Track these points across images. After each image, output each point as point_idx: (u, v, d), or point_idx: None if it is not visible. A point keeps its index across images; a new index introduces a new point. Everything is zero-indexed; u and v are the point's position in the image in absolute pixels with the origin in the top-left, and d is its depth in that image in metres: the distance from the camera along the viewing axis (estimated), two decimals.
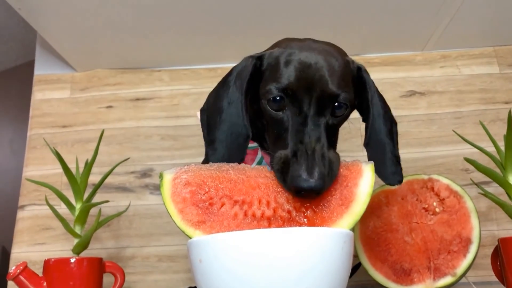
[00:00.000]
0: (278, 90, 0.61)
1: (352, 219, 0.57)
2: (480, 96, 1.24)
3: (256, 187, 0.60)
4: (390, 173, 0.68)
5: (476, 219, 0.83)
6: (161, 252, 1.12)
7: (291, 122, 0.61)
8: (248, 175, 0.61)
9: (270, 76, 0.63)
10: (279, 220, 0.57)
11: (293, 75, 0.61)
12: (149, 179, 1.18)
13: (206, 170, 0.61)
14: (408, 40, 1.25)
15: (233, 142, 0.64)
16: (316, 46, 0.64)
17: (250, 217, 0.57)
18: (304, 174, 0.55)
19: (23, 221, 1.16)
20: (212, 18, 1.11)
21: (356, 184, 0.60)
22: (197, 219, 0.57)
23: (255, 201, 0.59)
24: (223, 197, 0.59)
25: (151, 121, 1.24)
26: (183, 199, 0.58)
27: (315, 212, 0.58)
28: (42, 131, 1.24)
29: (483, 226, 1.08)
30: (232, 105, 0.65)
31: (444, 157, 1.17)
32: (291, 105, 0.61)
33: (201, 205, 0.58)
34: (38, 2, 1.01)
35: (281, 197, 0.59)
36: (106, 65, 1.29)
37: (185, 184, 0.59)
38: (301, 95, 0.60)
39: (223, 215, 0.57)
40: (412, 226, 0.86)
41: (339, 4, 1.08)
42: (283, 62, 0.62)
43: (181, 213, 0.57)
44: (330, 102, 0.61)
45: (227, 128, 0.65)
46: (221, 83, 0.68)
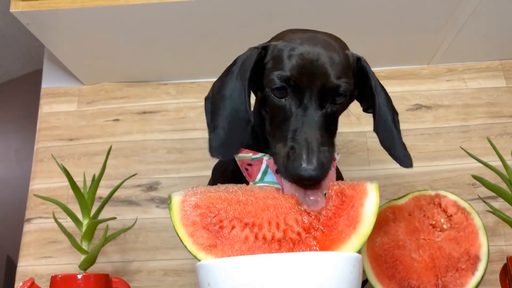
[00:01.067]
0: (281, 80, 0.63)
1: (360, 239, 0.58)
2: (487, 110, 1.23)
3: (265, 209, 0.60)
4: (403, 156, 0.70)
5: (484, 236, 0.82)
6: (167, 266, 1.12)
7: (292, 111, 0.63)
8: (256, 197, 0.61)
9: (274, 66, 0.65)
10: (290, 242, 0.57)
11: (295, 66, 0.63)
12: (155, 193, 1.18)
13: (214, 192, 0.61)
14: (414, 53, 1.25)
15: (235, 127, 0.66)
16: (319, 39, 0.66)
17: (261, 240, 0.57)
18: (304, 163, 0.58)
19: (29, 234, 1.16)
20: (218, 32, 1.11)
21: (361, 204, 0.60)
22: (208, 243, 0.57)
23: (265, 223, 0.59)
24: (233, 220, 0.59)
25: (157, 134, 1.24)
26: (193, 222, 0.58)
27: (324, 233, 0.58)
28: (49, 144, 1.24)
29: (491, 241, 1.07)
30: (235, 92, 0.66)
31: (451, 171, 1.17)
32: (292, 95, 0.63)
33: (211, 229, 0.58)
34: (46, 18, 1.02)
35: (290, 219, 0.59)
36: (113, 79, 1.29)
37: (195, 206, 0.59)
38: (303, 86, 0.62)
39: (234, 238, 0.57)
40: (419, 242, 0.85)
41: (344, 18, 1.08)
42: (287, 53, 0.64)
43: (191, 237, 0.57)
44: (331, 94, 0.63)
45: (229, 114, 0.66)
46: (225, 72, 0.71)
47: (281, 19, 1.08)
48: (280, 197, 0.62)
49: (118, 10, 1.01)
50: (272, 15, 1.06)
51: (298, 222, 0.59)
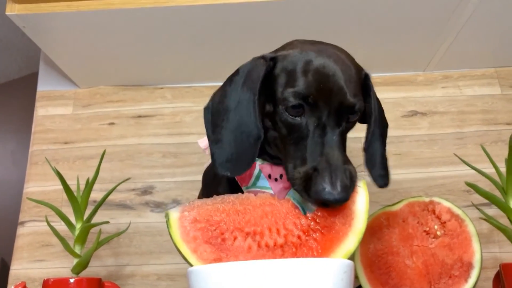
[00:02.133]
0: (298, 98, 0.61)
1: (356, 237, 0.58)
2: (481, 117, 1.24)
3: (264, 216, 0.60)
4: (379, 176, 0.70)
5: (477, 244, 0.82)
6: (161, 271, 1.11)
7: (310, 131, 0.61)
8: (253, 205, 0.61)
9: (287, 81, 0.62)
10: (292, 246, 0.57)
11: (313, 84, 0.61)
12: (149, 197, 1.18)
13: (211, 204, 0.60)
14: (410, 60, 1.25)
15: (243, 142, 0.64)
16: (331, 53, 0.65)
17: (264, 248, 0.57)
18: (328, 187, 0.57)
19: (23, 237, 1.16)
20: (214, 37, 1.11)
21: (353, 202, 0.61)
22: (212, 256, 0.56)
23: (265, 230, 0.59)
24: (234, 231, 0.58)
25: (152, 138, 1.24)
26: (194, 237, 0.57)
27: (323, 234, 0.58)
28: (44, 147, 1.24)
29: (485, 248, 1.08)
30: (242, 105, 0.64)
31: (446, 178, 1.17)
32: (310, 114, 0.61)
33: (213, 242, 0.57)
34: (42, 21, 1.02)
35: (289, 223, 0.59)
36: (109, 82, 1.29)
37: (193, 221, 0.58)
38: (321, 105, 0.61)
39: (237, 249, 0.57)
40: (413, 249, 0.85)
41: (341, 24, 1.09)
42: (302, 68, 0.62)
43: (195, 253, 0.56)
44: (347, 112, 0.62)
45: (236, 128, 0.64)
46: (227, 83, 0.67)
47: (277, 26, 1.08)
48: (276, 203, 0.62)
49: (114, 14, 1.01)
50: (269, 21, 1.07)
51: (297, 225, 0.59)
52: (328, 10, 1.04)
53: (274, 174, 0.71)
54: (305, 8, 1.03)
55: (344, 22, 1.08)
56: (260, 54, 1.14)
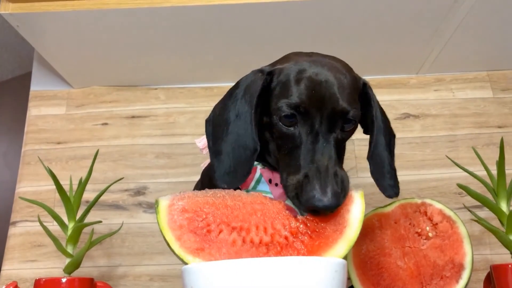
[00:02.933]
0: (290, 107, 0.61)
1: (346, 245, 0.58)
2: (474, 120, 1.25)
3: (253, 213, 0.60)
4: (388, 186, 0.71)
5: (468, 245, 0.83)
6: (153, 272, 1.11)
7: (303, 140, 0.62)
8: (244, 201, 0.61)
9: (281, 92, 0.63)
10: (277, 246, 0.57)
11: (304, 92, 0.61)
12: (142, 197, 1.18)
13: (202, 196, 0.61)
14: (402, 63, 1.26)
15: (240, 154, 0.65)
16: (325, 62, 0.65)
17: (249, 244, 0.57)
18: (317, 194, 0.57)
19: (14, 237, 1.15)
20: (208, 38, 1.12)
21: (348, 211, 0.61)
22: (195, 246, 0.56)
23: (252, 227, 0.59)
24: (220, 224, 0.59)
25: (146, 139, 1.24)
26: (180, 226, 0.58)
27: (311, 237, 0.58)
28: (36, 147, 1.24)
29: (477, 250, 1.08)
30: (240, 118, 0.65)
31: (438, 180, 1.18)
32: (302, 122, 0.62)
33: (198, 232, 0.58)
34: (36, 21, 1.02)
35: (278, 223, 0.59)
36: (102, 82, 1.29)
37: (182, 211, 0.59)
38: (313, 112, 0.61)
39: (221, 242, 0.57)
40: (405, 250, 0.85)
41: (334, 28, 1.09)
42: (294, 78, 0.63)
43: (178, 240, 0.57)
44: (340, 118, 0.63)
45: (234, 140, 0.65)
46: (227, 96, 0.69)
47: (271, 28, 1.09)
48: (267, 202, 0.62)
49: (108, 14, 1.01)
50: (263, 23, 1.07)
51: (286, 226, 0.59)
52: (322, 13, 1.04)
53: (275, 179, 0.71)
54: (299, 12, 1.04)
55: (338, 24, 1.09)
56: (254, 56, 1.16)
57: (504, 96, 1.27)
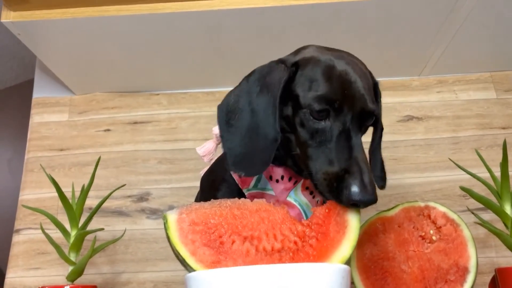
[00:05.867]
0: (325, 102, 0.61)
1: (350, 244, 0.59)
2: (477, 122, 1.24)
3: (261, 221, 0.60)
4: (378, 177, 0.73)
5: (473, 248, 0.82)
6: (157, 278, 1.11)
7: (333, 135, 0.62)
8: (250, 210, 0.61)
9: (312, 86, 0.63)
10: (289, 252, 0.58)
11: (338, 89, 0.62)
12: (145, 203, 1.18)
13: (208, 208, 0.60)
14: (405, 65, 1.25)
15: (259, 143, 0.64)
16: (349, 60, 0.66)
17: (262, 252, 0.57)
18: (361, 189, 0.58)
19: (18, 245, 1.15)
20: (210, 43, 1.12)
21: (346, 210, 0.61)
22: (211, 259, 0.56)
23: (262, 235, 0.59)
24: (232, 234, 0.58)
25: (148, 144, 1.24)
26: (193, 240, 0.57)
27: (318, 240, 0.59)
28: (39, 154, 1.24)
29: (482, 252, 1.08)
30: (260, 108, 0.64)
31: (442, 183, 1.17)
32: (335, 117, 0.62)
33: (212, 245, 0.57)
34: (37, 29, 1.03)
35: (285, 229, 0.60)
36: (104, 89, 1.29)
37: (191, 224, 0.58)
38: (345, 109, 0.62)
39: (235, 253, 0.57)
40: (409, 254, 0.85)
41: (336, 31, 1.09)
42: (325, 73, 0.63)
43: (194, 255, 0.56)
44: (367, 118, 0.64)
45: (252, 129, 0.64)
46: (244, 84, 0.67)
47: (272, 32, 1.08)
48: (272, 209, 0.62)
49: (109, 21, 1.01)
50: (263, 27, 1.07)
51: (293, 231, 0.60)
52: (323, 17, 1.04)
53: (275, 176, 0.71)
54: (300, 16, 1.04)
55: (340, 27, 1.08)
56: (256, 59, 1.14)
57: (508, 97, 1.27)
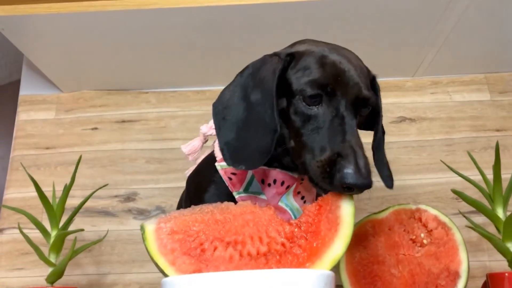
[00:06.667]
0: (317, 87, 0.61)
1: (343, 242, 0.57)
2: (471, 123, 1.22)
3: (245, 225, 0.58)
4: (387, 177, 0.72)
5: (464, 253, 0.80)
6: (143, 280, 1.09)
7: (327, 121, 0.61)
8: (234, 214, 0.59)
9: (305, 73, 0.63)
10: (276, 254, 0.56)
11: (331, 76, 0.61)
12: (132, 203, 1.16)
13: (189, 214, 0.58)
14: (398, 65, 1.24)
15: (258, 136, 0.63)
16: (343, 51, 0.66)
17: (246, 257, 0.55)
18: (355, 171, 0.56)
19: (2, 245, 1.13)
20: (200, 41, 1.10)
21: (338, 207, 0.59)
22: (192, 268, 0.54)
23: (247, 239, 0.57)
24: (214, 241, 0.56)
25: (136, 143, 1.22)
26: (172, 249, 0.55)
27: (307, 240, 0.57)
28: (25, 153, 1.22)
29: (474, 256, 1.06)
30: (257, 101, 0.64)
31: (435, 185, 1.15)
32: (328, 103, 0.62)
33: (192, 253, 0.55)
34: (21, 24, 1.00)
35: (272, 231, 0.57)
36: (92, 86, 1.27)
37: (171, 233, 0.56)
38: (339, 95, 0.61)
39: (218, 259, 0.55)
40: (399, 258, 0.83)
41: (328, 30, 1.07)
42: (318, 61, 0.63)
43: (173, 265, 0.54)
44: (362, 105, 0.63)
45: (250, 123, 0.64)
46: (238, 79, 0.67)
47: (264, 30, 1.07)
48: (257, 211, 0.60)
49: (95, 16, 0.99)
50: (255, 25, 1.05)
51: (280, 232, 0.58)
52: (315, 16, 1.03)
53: (268, 180, 0.69)
54: (292, 14, 1.02)
55: (332, 27, 1.07)
56: (247, 57, 1.13)
57: (502, 98, 1.25)
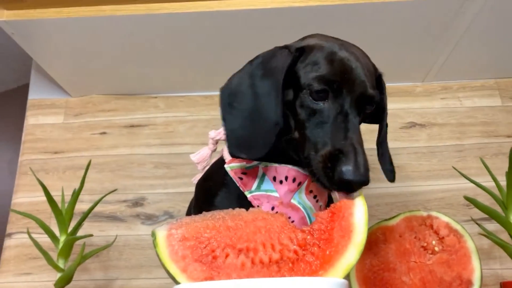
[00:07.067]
0: (324, 82, 0.62)
1: (357, 249, 0.56)
2: (482, 129, 1.21)
3: (257, 231, 0.57)
4: (389, 171, 0.73)
5: (477, 260, 0.79)
6: (151, 285, 1.08)
7: (331, 117, 0.62)
8: (245, 220, 0.58)
9: (313, 68, 0.63)
10: (288, 262, 0.55)
11: (338, 72, 0.62)
12: (141, 209, 1.15)
13: (200, 221, 0.57)
14: (408, 70, 1.23)
15: (261, 126, 0.64)
16: (352, 48, 0.67)
17: (259, 264, 0.54)
18: (353, 168, 0.57)
19: (10, 249, 1.13)
20: (209, 46, 1.09)
21: (351, 214, 0.58)
22: (203, 275, 0.53)
23: (259, 246, 0.56)
24: (225, 248, 0.55)
25: (145, 148, 1.22)
26: (183, 256, 0.54)
27: (320, 248, 0.56)
28: (33, 157, 1.22)
29: (486, 264, 1.04)
30: (263, 92, 0.64)
31: (445, 192, 1.14)
32: (333, 99, 0.62)
33: (204, 260, 0.54)
34: (31, 28, 1.00)
35: (284, 238, 0.57)
36: (101, 91, 1.27)
37: (182, 239, 0.55)
38: (345, 92, 0.62)
39: (230, 267, 0.54)
40: (410, 265, 0.82)
41: (339, 34, 1.06)
42: (327, 57, 0.64)
43: (184, 272, 0.53)
44: (367, 103, 0.64)
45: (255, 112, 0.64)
46: (247, 68, 0.68)
47: (272, 35, 1.06)
48: (269, 217, 0.59)
49: (105, 21, 0.99)
50: (263, 29, 1.04)
51: (293, 240, 0.57)
52: (325, 21, 1.02)
53: (279, 177, 0.69)
54: (301, 19, 1.01)
55: (342, 32, 1.05)
56: None
57: None
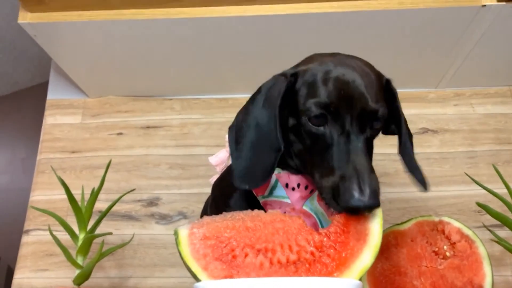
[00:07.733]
0: (320, 107, 0.61)
1: (372, 252, 0.57)
2: (494, 136, 1.21)
3: (275, 233, 0.59)
4: (420, 180, 0.70)
5: (488, 266, 0.80)
6: (165, 284, 1.10)
7: (334, 140, 0.61)
8: (264, 221, 0.60)
9: (309, 93, 0.63)
10: (305, 263, 0.56)
11: (333, 92, 0.61)
12: (155, 208, 1.17)
13: (221, 221, 0.59)
14: (421, 77, 1.24)
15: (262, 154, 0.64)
16: (350, 62, 0.65)
17: (277, 265, 0.56)
18: (356, 194, 0.56)
19: (27, 246, 1.15)
20: (225, 49, 1.11)
21: (366, 217, 0.59)
22: (223, 274, 0.55)
23: (277, 247, 0.57)
24: (245, 247, 0.57)
25: (160, 149, 1.24)
26: (204, 254, 0.56)
27: (337, 250, 0.57)
28: (51, 156, 1.24)
29: (497, 271, 1.05)
30: (264, 121, 0.65)
31: (457, 197, 1.15)
32: (333, 122, 0.61)
33: (224, 259, 0.56)
34: (53, 30, 1.03)
35: (301, 240, 0.58)
36: (118, 92, 1.29)
37: (203, 238, 0.57)
38: (343, 112, 0.61)
39: (249, 266, 0.55)
40: (421, 270, 0.83)
41: (352, 41, 1.08)
42: (321, 79, 0.62)
43: (205, 270, 0.55)
44: (370, 118, 0.62)
45: (256, 142, 0.65)
46: (250, 101, 0.68)
47: (287, 40, 1.08)
48: (287, 219, 0.61)
49: (124, 24, 1.01)
50: (278, 34, 1.06)
51: (310, 242, 0.58)
52: (338, 26, 1.03)
53: (292, 184, 0.70)
54: (316, 24, 1.03)
55: (356, 38, 1.07)
56: (269, 66, 1.14)
57: None
